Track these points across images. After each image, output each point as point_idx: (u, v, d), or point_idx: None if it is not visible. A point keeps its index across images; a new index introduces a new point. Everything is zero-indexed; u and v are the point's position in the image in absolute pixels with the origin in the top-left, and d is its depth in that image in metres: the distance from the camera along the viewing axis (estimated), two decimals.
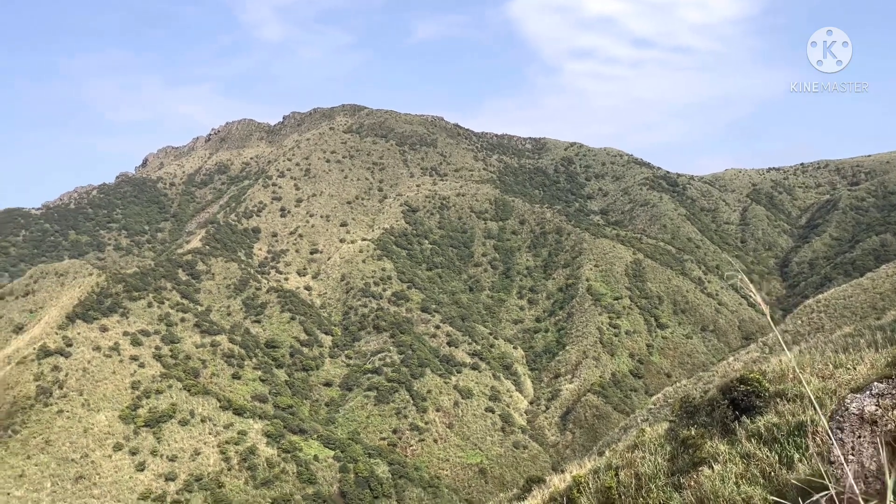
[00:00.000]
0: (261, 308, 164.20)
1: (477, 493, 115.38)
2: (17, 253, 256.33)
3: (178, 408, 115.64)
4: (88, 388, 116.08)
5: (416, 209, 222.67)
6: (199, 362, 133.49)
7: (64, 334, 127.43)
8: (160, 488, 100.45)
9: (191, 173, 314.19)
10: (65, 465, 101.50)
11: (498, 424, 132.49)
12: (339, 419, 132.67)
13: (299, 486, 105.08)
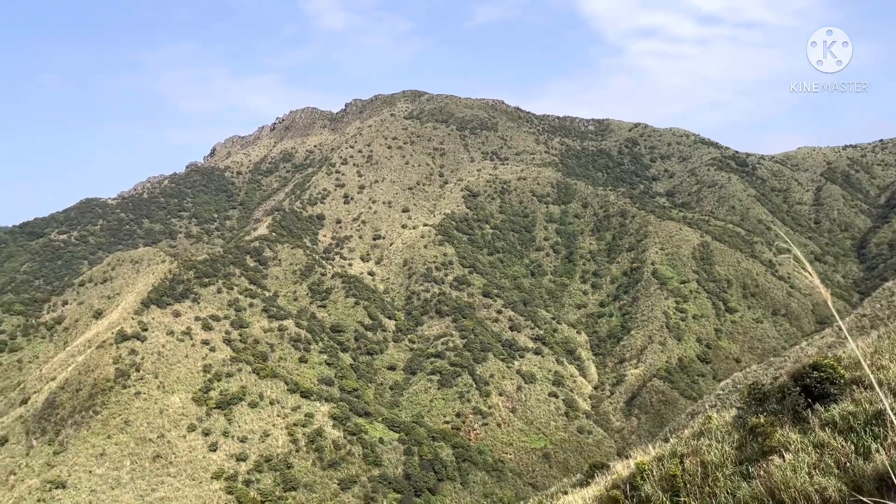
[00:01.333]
0: (326, 293, 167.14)
1: (541, 477, 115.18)
2: (96, 241, 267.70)
3: (248, 390, 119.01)
4: (163, 371, 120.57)
5: (476, 194, 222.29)
6: (267, 346, 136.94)
7: (140, 319, 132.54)
8: (232, 468, 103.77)
9: (257, 162, 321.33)
10: (142, 444, 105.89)
11: (562, 409, 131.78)
12: (403, 402, 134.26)
13: (365, 468, 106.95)
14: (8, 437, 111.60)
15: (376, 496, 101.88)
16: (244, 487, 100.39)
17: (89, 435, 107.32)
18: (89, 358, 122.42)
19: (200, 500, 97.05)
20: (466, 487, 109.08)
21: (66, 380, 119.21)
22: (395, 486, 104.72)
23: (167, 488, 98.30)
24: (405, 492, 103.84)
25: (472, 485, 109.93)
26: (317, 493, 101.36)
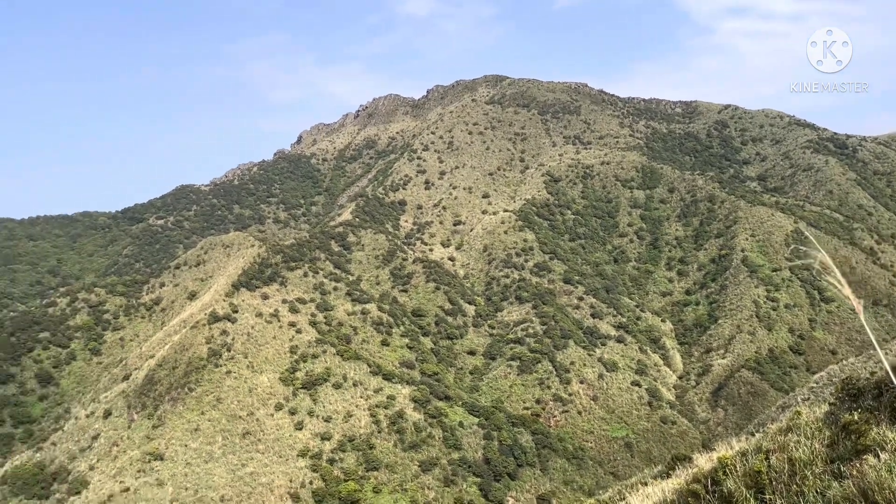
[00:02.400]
0: (407, 278, 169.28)
1: (623, 466, 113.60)
2: (190, 226, 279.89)
3: (332, 372, 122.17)
4: (252, 352, 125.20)
5: (558, 179, 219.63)
6: (350, 329, 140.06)
7: (230, 301, 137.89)
8: (317, 447, 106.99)
9: (341, 149, 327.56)
10: (233, 421, 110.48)
11: (645, 398, 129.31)
12: (482, 387, 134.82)
13: (445, 451, 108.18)
14: (112, 411, 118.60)
15: (456, 479, 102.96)
16: (328, 466, 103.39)
17: (184, 411, 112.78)
18: (184, 337, 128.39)
19: (287, 476, 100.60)
20: (546, 474, 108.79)
21: (164, 358, 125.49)
22: (474, 469, 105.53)
23: (256, 464, 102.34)
24: (485, 476, 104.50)
25: (551, 471, 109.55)
26: (398, 473, 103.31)
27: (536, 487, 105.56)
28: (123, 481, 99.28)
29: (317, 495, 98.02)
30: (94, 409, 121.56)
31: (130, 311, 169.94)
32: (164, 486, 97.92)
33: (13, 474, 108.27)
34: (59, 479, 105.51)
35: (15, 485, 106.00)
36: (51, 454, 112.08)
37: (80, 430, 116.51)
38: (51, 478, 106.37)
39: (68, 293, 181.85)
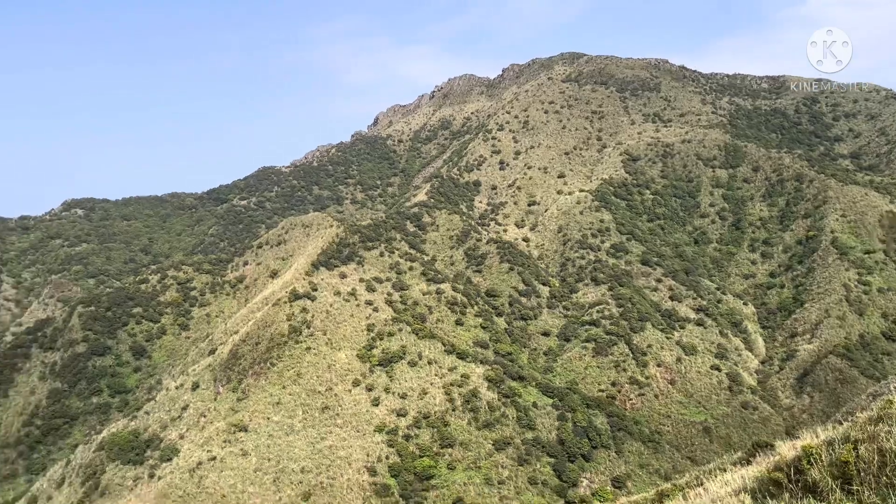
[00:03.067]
0: (481, 258, 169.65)
1: (700, 451, 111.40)
2: (272, 207, 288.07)
3: (408, 350, 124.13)
4: (331, 329, 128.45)
5: (636, 158, 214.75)
6: (425, 308, 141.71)
7: (310, 280, 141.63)
8: (393, 423, 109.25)
9: (416, 130, 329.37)
10: (313, 395, 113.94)
11: (724, 383, 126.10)
12: (556, 368, 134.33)
13: (519, 431, 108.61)
14: (199, 383, 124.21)
15: (530, 458, 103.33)
16: (404, 441, 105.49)
17: (267, 385, 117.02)
18: (266, 314, 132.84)
19: (364, 450, 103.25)
20: (621, 456, 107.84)
21: (247, 334, 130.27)
22: (548, 450, 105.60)
23: (335, 437, 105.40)
24: (559, 456, 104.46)
25: (626, 454, 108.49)
26: (472, 451, 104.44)
27: (611, 470, 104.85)
28: (210, 450, 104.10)
29: (393, 470, 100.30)
30: (183, 382, 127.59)
31: (216, 289, 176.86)
32: (248, 457, 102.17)
33: (110, 441, 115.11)
34: (152, 447, 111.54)
35: (112, 450, 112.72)
36: (144, 423, 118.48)
37: (171, 400, 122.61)
38: (144, 445, 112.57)
39: (159, 270, 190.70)
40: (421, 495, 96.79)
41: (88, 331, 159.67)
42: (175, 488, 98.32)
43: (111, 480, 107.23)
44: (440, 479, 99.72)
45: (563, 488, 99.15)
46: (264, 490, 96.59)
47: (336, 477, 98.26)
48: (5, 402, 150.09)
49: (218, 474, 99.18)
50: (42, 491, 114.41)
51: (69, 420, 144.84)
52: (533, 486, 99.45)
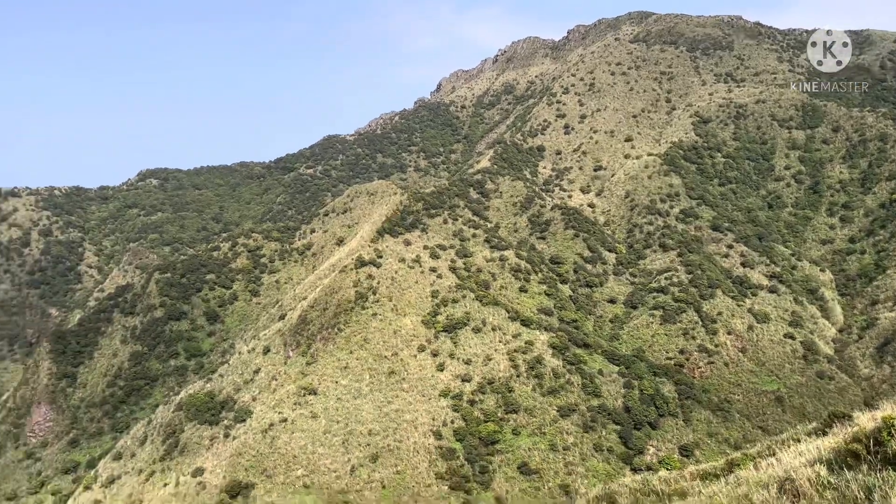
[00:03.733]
0: (545, 225, 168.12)
1: (773, 421, 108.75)
2: (337, 175, 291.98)
3: (472, 316, 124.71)
4: (396, 295, 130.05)
5: (707, 120, 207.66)
6: (489, 275, 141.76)
7: (375, 247, 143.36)
8: (458, 388, 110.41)
9: (479, 95, 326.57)
10: (379, 360, 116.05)
11: (799, 352, 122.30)
12: (623, 336, 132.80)
13: (584, 398, 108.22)
14: (270, 348, 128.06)
15: (595, 426, 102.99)
16: (469, 406, 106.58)
17: (335, 349, 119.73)
18: (333, 281, 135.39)
19: (430, 414, 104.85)
20: (689, 425, 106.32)
21: (315, 300, 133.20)
22: (614, 417, 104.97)
23: (401, 402, 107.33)
24: (625, 424, 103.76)
25: (695, 422, 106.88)
26: (537, 417, 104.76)
27: (678, 438, 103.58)
28: (282, 412, 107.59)
29: (458, 434, 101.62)
30: (254, 346, 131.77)
31: (284, 256, 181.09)
32: (317, 419, 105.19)
33: (188, 402, 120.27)
34: (227, 408, 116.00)
35: (189, 411, 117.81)
36: (219, 385, 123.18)
37: (243, 364, 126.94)
38: (219, 406, 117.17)
39: (229, 238, 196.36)
40: (486, 459, 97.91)
41: (165, 296, 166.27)
42: (249, 448, 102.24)
43: (189, 439, 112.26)
44: (505, 444, 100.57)
45: (629, 456, 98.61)
46: (333, 451, 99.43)
47: (402, 440, 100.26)
48: (91, 363, 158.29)
49: (289, 435, 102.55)
50: (126, 448, 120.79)
51: (149, 381, 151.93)
52: (598, 452, 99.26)
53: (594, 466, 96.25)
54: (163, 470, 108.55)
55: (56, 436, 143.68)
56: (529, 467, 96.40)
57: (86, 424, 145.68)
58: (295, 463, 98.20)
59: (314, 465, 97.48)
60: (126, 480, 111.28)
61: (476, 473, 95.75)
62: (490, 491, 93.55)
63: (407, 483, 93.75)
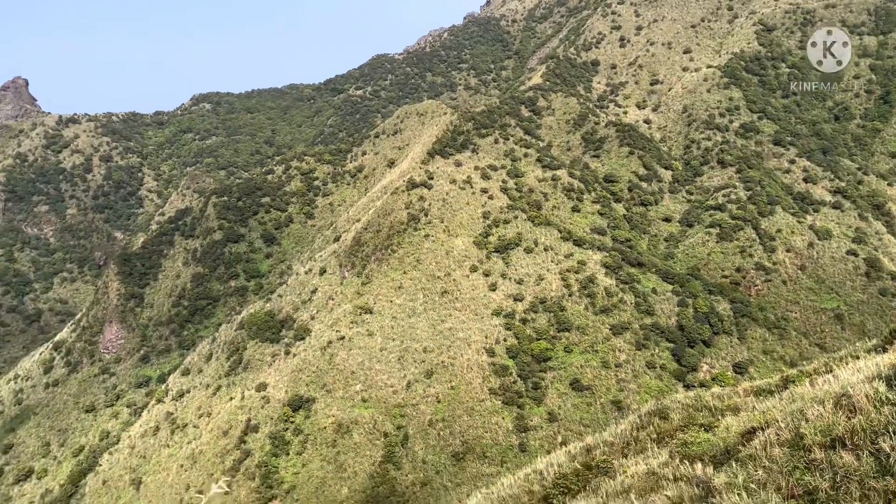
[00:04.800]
0: (599, 143, 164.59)
1: (830, 339, 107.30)
2: (386, 95, 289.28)
3: (523, 237, 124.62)
4: (447, 217, 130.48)
5: (771, 28, 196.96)
6: (540, 195, 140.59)
7: (426, 168, 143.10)
8: (510, 307, 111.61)
9: (531, 8, 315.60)
10: (432, 280, 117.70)
11: (861, 269, 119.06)
12: (678, 255, 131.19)
13: (637, 316, 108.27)
14: (326, 269, 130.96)
15: (648, 343, 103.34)
16: (521, 325, 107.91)
17: (389, 270, 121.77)
18: (385, 203, 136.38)
19: (482, 333, 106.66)
20: (744, 343, 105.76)
21: (368, 222, 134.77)
22: (667, 335, 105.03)
23: (454, 320, 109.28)
24: (678, 342, 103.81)
25: (749, 340, 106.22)
26: (589, 335, 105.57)
27: (732, 355, 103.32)
28: (339, 331, 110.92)
29: (510, 351, 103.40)
30: (311, 267, 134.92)
31: (337, 178, 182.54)
32: (373, 337, 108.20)
33: (250, 320, 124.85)
34: (287, 326, 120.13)
35: (251, 329, 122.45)
36: (278, 304, 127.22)
37: (301, 284, 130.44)
38: (279, 325, 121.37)
39: (283, 162, 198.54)
40: (538, 376, 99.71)
41: (223, 220, 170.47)
42: (309, 364, 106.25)
43: (252, 356, 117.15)
44: (557, 361, 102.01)
45: (682, 373, 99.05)
46: (390, 368, 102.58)
47: (456, 357, 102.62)
48: (156, 284, 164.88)
49: (347, 352, 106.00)
50: (193, 364, 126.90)
51: (212, 301, 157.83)
52: (651, 369, 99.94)
53: (646, 383, 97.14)
54: (228, 385, 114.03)
55: (128, 352, 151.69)
56: (581, 384, 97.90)
57: (154, 342, 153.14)
58: (353, 378, 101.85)
59: (371, 381, 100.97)
60: (194, 394, 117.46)
61: (529, 389, 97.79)
62: (542, 406, 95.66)
63: (461, 398, 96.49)
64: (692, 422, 25.12)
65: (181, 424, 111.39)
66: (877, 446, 8.42)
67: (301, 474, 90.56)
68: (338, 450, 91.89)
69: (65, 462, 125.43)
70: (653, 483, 18.02)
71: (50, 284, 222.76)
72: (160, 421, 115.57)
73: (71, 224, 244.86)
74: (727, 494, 10.26)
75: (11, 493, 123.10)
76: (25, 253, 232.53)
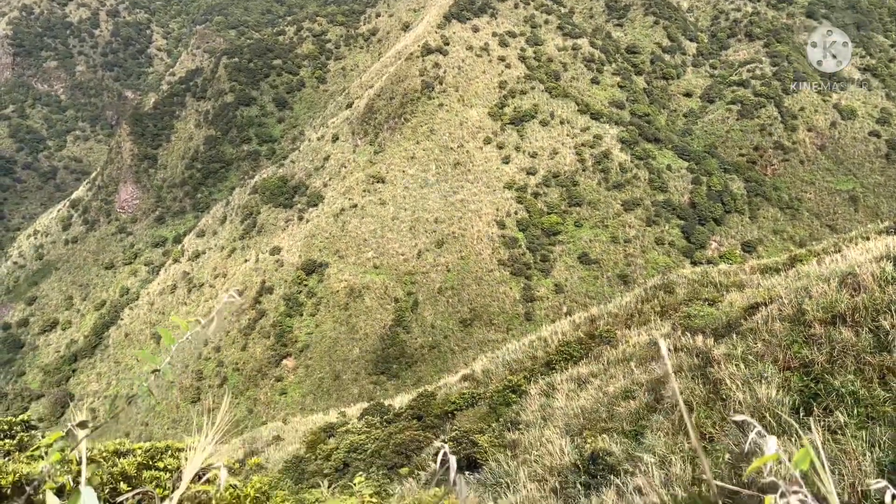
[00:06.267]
0: (623, 11, 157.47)
1: (843, 220, 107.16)
2: None
3: (539, 109, 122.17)
4: (462, 85, 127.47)
5: None
6: (560, 65, 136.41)
7: (442, 33, 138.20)
8: (522, 180, 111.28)
9: None
10: (445, 151, 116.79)
11: (882, 151, 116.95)
12: (696, 131, 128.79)
13: (650, 193, 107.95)
14: (338, 136, 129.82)
15: (659, 220, 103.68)
16: (532, 199, 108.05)
17: (401, 139, 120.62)
18: (399, 69, 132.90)
19: (494, 205, 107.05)
20: (755, 222, 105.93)
21: (381, 88, 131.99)
22: (678, 212, 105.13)
23: (466, 192, 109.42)
24: (689, 219, 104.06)
25: (761, 220, 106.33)
26: (600, 210, 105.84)
27: (742, 234, 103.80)
28: (352, 198, 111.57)
29: (521, 224, 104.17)
30: (323, 133, 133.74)
31: (350, 42, 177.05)
32: (385, 206, 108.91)
33: (263, 185, 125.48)
34: (299, 192, 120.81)
35: (265, 194, 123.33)
36: (290, 170, 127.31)
37: (313, 151, 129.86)
38: (292, 190, 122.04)
39: (294, 22, 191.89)
40: (547, 249, 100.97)
41: (234, 81, 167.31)
42: (321, 230, 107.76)
43: (266, 220, 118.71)
44: (567, 235, 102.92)
45: (691, 250, 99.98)
46: (401, 237, 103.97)
47: (467, 228, 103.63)
48: (168, 146, 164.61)
49: (359, 220, 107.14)
50: (208, 226, 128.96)
51: (224, 165, 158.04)
52: (659, 245, 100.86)
53: (654, 259, 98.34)
54: (243, 248, 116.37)
55: (143, 213, 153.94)
56: (589, 258, 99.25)
57: (169, 203, 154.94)
58: (365, 246, 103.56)
59: (383, 249, 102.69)
60: (210, 255, 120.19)
61: (537, 261, 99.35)
62: (550, 278, 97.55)
63: (470, 268, 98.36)
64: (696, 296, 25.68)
65: (198, 284, 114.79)
66: (877, 324, 8.63)
67: (314, 334, 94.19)
68: (350, 313, 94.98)
69: (87, 315, 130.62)
70: (653, 353, 18.69)
71: (63, 142, 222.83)
72: (177, 280, 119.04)
73: (81, 81, 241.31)
74: (725, 365, 10.66)
75: (38, 343, 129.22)
76: (37, 109, 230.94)
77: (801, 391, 8.58)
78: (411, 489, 16.01)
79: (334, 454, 26.68)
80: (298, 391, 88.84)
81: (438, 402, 28.04)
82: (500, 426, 19.43)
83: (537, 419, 17.41)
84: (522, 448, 15.37)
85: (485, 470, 14.81)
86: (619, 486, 9.27)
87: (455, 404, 26.53)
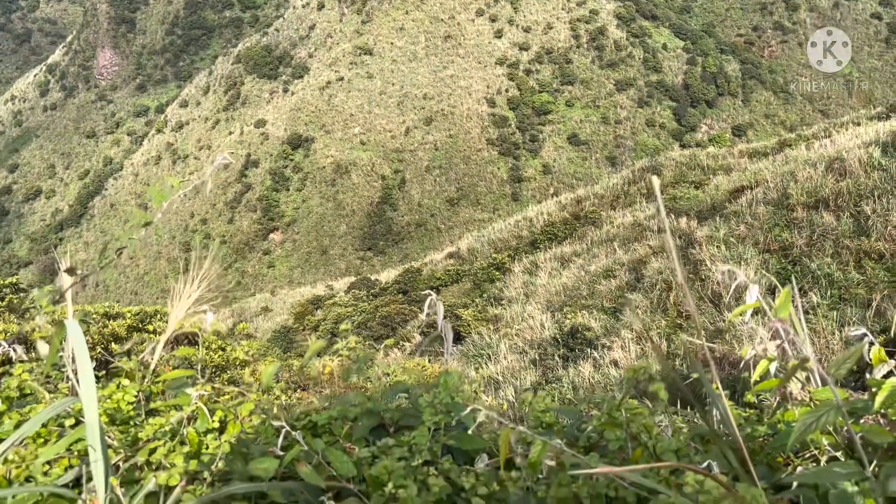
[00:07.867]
0: None
1: (836, 105, 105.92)
2: None
3: None
4: None
5: None
6: None
7: None
8: (514, 56, 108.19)
9: None
10: (436, 23, 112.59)
11: (882, 34, 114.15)
12: (695, 8, 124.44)
13: (643, 73, 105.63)
14: (324, 3, 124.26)
15: (651, 101, 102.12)
16: (524, 76, 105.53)
17: (390, 9, 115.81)
18: None
19: (485, 82, 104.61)
20: (747, 106, 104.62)
21: None
22: (671, 94, 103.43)
23: (456, 67, 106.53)
24: (681, 101, 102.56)
25: (753, 104, 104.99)
26: (592, 90, 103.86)
27: (734, 118, 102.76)
28: (338, 71, 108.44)
29: (511, 103, 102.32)
30: (308, 0, 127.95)
31: None
32: (373, 79, 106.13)
33: (246, 54, 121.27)
34: (284, 63, 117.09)
35: (248, 64, 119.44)
36: (275, 39, 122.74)
37: (298, 19, 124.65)
38: (277, 61, 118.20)
39: None
40: (537, 129, 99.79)
41: None
42: (307, 104, 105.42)
43: (250, 92, 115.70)
44: (557, 114, 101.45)
45: (681, 132, 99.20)
46: (389, 112, 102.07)
47: (456, 105, 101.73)
48: (147, 9, 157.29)
49: (346, 94, 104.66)
50: (191, 96, 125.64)
51: (206, 32, 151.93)
52: (650, 127, 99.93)
53: (644, 141, 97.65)
54: (227, 119, 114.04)
55: (123, 80, 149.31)
56: (579, 138, 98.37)
57: (150, 71, 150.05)
58: (352, 121, 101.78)
59: (370, 124, 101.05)
60: (194, 126, 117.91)
61: (526, 141, 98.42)
62: (538, 158, 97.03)
63: (458, 146, 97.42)
64: (683, 179, 25.78)
65: (182, 155, 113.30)
66: (858, 209, 8.74)
67: (301, 209, 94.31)
68: (336, 189, 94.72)
69: (71, 184, 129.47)
70: (637, 233, 18.96)
71: (36, 3, 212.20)
72: (161, 151, 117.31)
73: None
74: (706, 246, 10.85)
75: (23, 210, 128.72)
76: None
77: (778, 273, 8.80)
78: (396, 359, 16.61)
79: (322, 325, 27.46)
80: (286, 264, 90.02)
81: (424, 277, 28.61)
82: (483, 301, 19.95)
83: (520, 295, 17.86)
84: (505, 322, 15.85)
85: (467, 342, 15.34)
86: (596, 358, 9.66)
87: (440, 280, 27.10)
